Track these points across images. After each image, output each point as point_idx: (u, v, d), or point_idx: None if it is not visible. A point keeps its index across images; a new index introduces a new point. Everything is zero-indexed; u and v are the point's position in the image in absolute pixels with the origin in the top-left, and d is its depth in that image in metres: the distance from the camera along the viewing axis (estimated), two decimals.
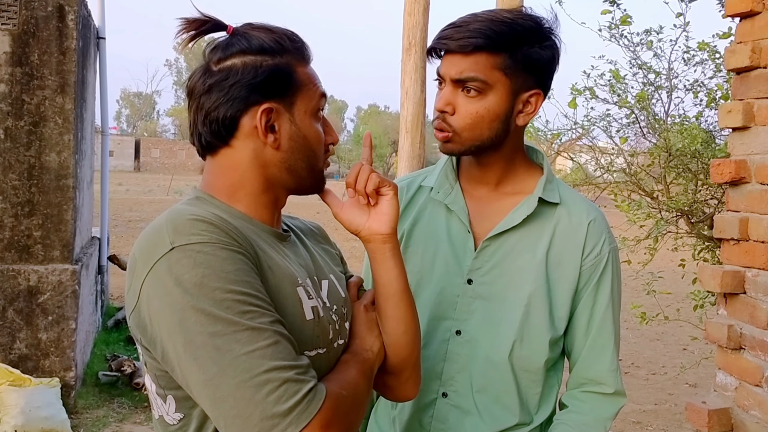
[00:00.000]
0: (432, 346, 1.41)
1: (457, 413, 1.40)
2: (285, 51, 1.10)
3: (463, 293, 1.40)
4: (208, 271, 0.92)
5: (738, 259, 2.11)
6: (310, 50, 1.15)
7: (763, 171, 2.02)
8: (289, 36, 1.12)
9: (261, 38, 1.08)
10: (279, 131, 1.09)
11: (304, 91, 1.11)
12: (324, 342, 1.08)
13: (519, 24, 1.31)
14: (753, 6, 2.03)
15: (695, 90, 4.02)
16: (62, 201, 4.28)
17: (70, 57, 4.28)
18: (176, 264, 0.93)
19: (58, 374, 4.27)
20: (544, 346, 1.38)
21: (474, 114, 1.32)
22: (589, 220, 1.41)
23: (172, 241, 0.94)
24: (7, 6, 4.19)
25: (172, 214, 1.01)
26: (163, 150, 55.78)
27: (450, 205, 1.43)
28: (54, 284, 4.28)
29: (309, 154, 1.12)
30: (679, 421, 4.86)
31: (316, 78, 1.15)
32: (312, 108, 1.12)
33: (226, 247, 0.95)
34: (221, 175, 1.11)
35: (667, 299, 5.59)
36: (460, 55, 1.31)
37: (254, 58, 1.07)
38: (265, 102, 1.07)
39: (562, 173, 7.46)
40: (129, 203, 21.50)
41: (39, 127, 4.24)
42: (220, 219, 1.00)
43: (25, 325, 4.25)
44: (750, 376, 2.03)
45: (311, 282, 1.12)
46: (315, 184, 1.16)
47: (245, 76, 1.06)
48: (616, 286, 1.43)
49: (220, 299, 0.91)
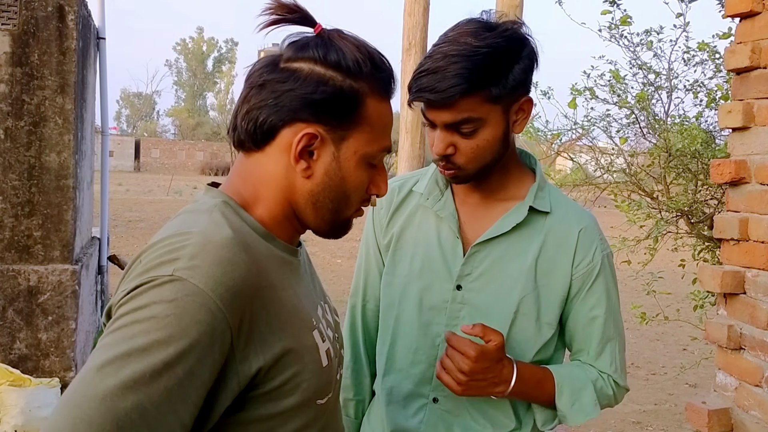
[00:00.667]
0: (422, 351, 1.41)
1: (447, 418, 1.40)
2: (363, 75, 0.96)
3: (453, 299, 1.39)
4: (161, 335, 0.78)
5: (738, 259, 2.11)
6: (394, 85, 1.01)
7: (763, 171, 2.02)
8: (376, 60, 0.98)
9: (342, 50, 0.95)
10: (316, 161, 0.96)
11: (365, 130, 0.97)
12: (333, 384, 1.03)
13: (494, 49, 1.24)
14: (753, 6, 2.03)
15: (695, 90, 4.02)
16: (62, 201, 4.28)
17: (70, 57, 4.28)
18: (155, 298, 0.81)
19: (58, 374, 4.27)
20: (530, 352, 1.39)
21: (476, 148, 1.30)
22: (580, 229, 1.40)
23: (177, 269, 0.83)
24: (7, 6, 4.19)
25: (203, 233, 0.87)
26: (163, 150, 55.77)
27: (439, 212, 1.43)
28: (54, 284, 4.28)
29: (341, 197, 0.99)
30: (679, 421, 4.86)
31: (388, 121, 1.00)
32: (366, 154, 0.98)
33: (208, 319, 0.81)
34: (248, 179, 0.99)
35: (667, 299, 5.58)
36: (446, 107, 1.26)
37: (325, 70, 0.94)
38: (314, 124, 0.95)
39: (562, 173, 7.46)
40: (129, 203, 21.49)
41: (39, 128, 4.24)
42: (245, 250, 0.87)
43: (25, 325, 4.25)
44: (750, 377, 2.03)
45: (320, 311, 1.05)
46: (336, 231, 1.05)
47: (304, 88, 0.93)
48: (612, 291, 1.43)
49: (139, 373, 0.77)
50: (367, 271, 1.55)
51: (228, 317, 0.83)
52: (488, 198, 1.43)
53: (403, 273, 1.45)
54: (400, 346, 1.45)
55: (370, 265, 1.55)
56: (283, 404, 0.93)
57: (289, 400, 0.93)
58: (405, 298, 1.44)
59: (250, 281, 0.87)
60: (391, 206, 1.50)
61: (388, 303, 1.47)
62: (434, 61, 1.25)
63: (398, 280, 1.46)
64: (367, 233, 1.55)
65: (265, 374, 0.89)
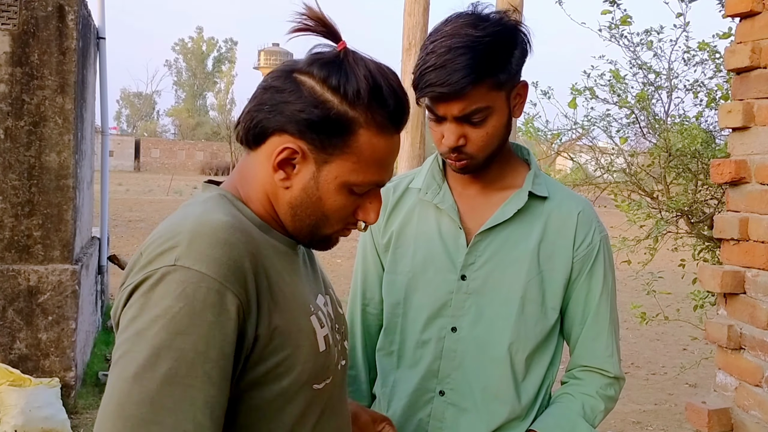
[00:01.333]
0: (429, 345, 1.42)
1: (453, 411, 1.41)
2: (361, 105, 0.95)
3: (457, 290, 1.41)
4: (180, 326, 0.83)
5: (738, 259, 2.10)
6: (403, 119, 0.99)
7: (763, 171, 2.02)
8: (384, 92, 0.96)
9: (348, 76, 0.95)
10: (296, 174, 0.97)
11: (351, 159, 0.96)
12: (332, 370, 1.04)
13: (495, 38, 1.28)
14: (753, 6, 2.03)
15: (695, 90, 4.02)
16: (62, 201, 4.28)
17: (70, 57, 4.28)
18: (163, 293, 0.84)
19: (58, 374, 4.27)
20: (537, 337, 1.40)
21: (485, 136, 1.34)
22: (578, 211, 1.43)
23: (177, 257, 0.86)
24: (7, 6, 4.19)
25: (198, 218, 0.91)
26: (163, 150, 55.79)
27: (439, 204, 1.44)
28: (54, 284, 4.28)
29: (319, 215, 1.00)
30: (679, 421, 4.86)
31: (383, 156, 0.98)
32: (348, 182, 0.98)
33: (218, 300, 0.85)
34: (245, 174, 1.03)
35: (667, 299, 5.58)
36: (457, 99, 1.28)
37: (322, 92, 0.95)
38: (299, 139, 0.95)
39: (562, 173, 7.46)
40: (129, 203, 21.49)
41: (39, 127, 4.24)
42: (240, 231, 0.91)
43: (25, 325, 4.25)
44: (750, 376, 2.03)
45: (321, 300, 1.07)
46: (315, 244, 1.06)
47: (297, 103, 0.95)
48: (609, 273, 1.45)
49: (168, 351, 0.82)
50: (366, 273, 1.56)
51: (236, 292, 0.87)
52: (486, 188, 1.45)
53: (405, 269, 1.45)
54: (407, 342, 1.45)
55: (368, 267, 1.55)
56: (279, 387, 0.95)
57: (283, 383, 0.95)
58: (410, 294, 1.44)
59: (249, 258, 0.90)
60: (387, 206, 1.51)
61: (394, 301, 1.48)
62: (439, 56, 1.27)
63: (401, 277, 1.46)
64: (364, 237, 1.55)
65: (261, 351, 0.92)
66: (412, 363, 1.44)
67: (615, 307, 1.47)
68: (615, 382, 1.45)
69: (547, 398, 1.46)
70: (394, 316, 1.47)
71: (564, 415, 1.41)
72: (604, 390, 1.44)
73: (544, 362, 1.43)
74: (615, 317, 1.47)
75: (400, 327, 1.46)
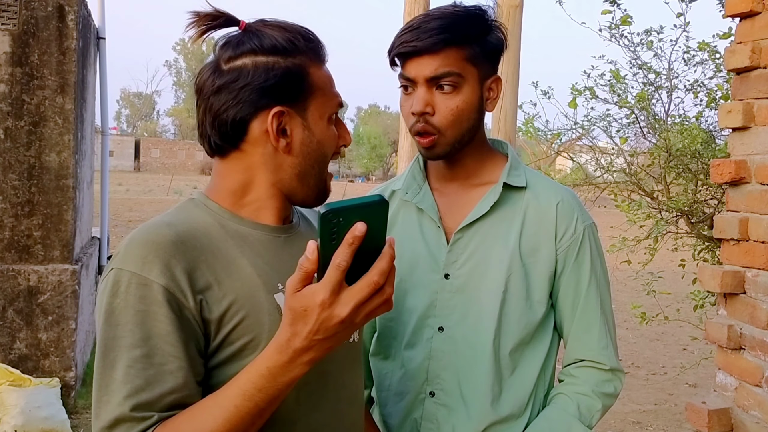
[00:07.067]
0: (418, 346, 1.41)
1: (444, 412, 1.40)
2: (299, 51, 1.05)
3: (442, 289, 1.40)
4: (119, 307, 0.97)
5: (738, 259, 2.11)
6: (325, 49, 1.10)
7: (763, 171, 2.02)
8: (304, 35, 1.07)
9: (274, 37, 1.04)
10: (291, 135, 1.06)
11: (318, 95, 1.07)
12: None
13: (473, 15, 1.34)
14: (753, 6, 2.03)
15: (695, 90, 4.02)
16: (62, 201, 4.28)
17: (70, 57, 4.28)
18: (107, 300, 0.98)
19: (58, 374, 4.27)
20: (522, 332, 1.38)
21: (455, 109, 1.33)
22: (557, 201, 1.41)
23: (115, 262, 0.99)
24: (7, 6, 4.19)
25: (143, 226, 1.04)
26: (163, 150, 55.81)
27: (419, 203, 1.44)
28: (54, 284, 4.28)
29: (321, 159, 1.09)
30: (679, 421, 4.86)
31: (331, 81, 1.10)
32: (327, 113, 1.09)
33: (145, 284, 0.97)
34: (229, 178, 1.09)
35: (667, 299, 5.59)
36: (429, 55, 1.31)
37: (266, 58, 1.03)
38: (276, 106, 1.03)
39: (562, 173, 7.46)
40: (129, 203, 21.49)
41: (39, 127, 4.24)
42: (171, 229, 1.01)
43: (25, 325, 4.25)
44: (750, 376, 2.03)
45: None
46: (320, 197, 1.13)
47: (256, 79, 1.02)
48: (597, 264, 1.42)
49: (115, 334, 0.96)
50: None
51: (162, 282, 0.96)
52: (464, 185, 1.44)
53: None
54: (400, 345, 1.45)
55: None
56: (245, 362, 0.98)
57: (249, 359, 0.98)
58: (400, 297, 1.43)
59: (177, 246, 0.99)
60: None
61: None
62: (417, 20, 1.33)
63: None
64: None
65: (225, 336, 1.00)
66: (404, 365, 1.44)
67: (607, 299, 1.44)
68: (612, 376, 1.42)
69: (545, 396, 1.45)
70: (387, 321, 1.47)
71: (558, 419, 1.39)
72: (600, 387, 1.41)
73: (536, 359, 1.40)
74: (608, 308, 1.44)
75: (393, 331, 1.46)
